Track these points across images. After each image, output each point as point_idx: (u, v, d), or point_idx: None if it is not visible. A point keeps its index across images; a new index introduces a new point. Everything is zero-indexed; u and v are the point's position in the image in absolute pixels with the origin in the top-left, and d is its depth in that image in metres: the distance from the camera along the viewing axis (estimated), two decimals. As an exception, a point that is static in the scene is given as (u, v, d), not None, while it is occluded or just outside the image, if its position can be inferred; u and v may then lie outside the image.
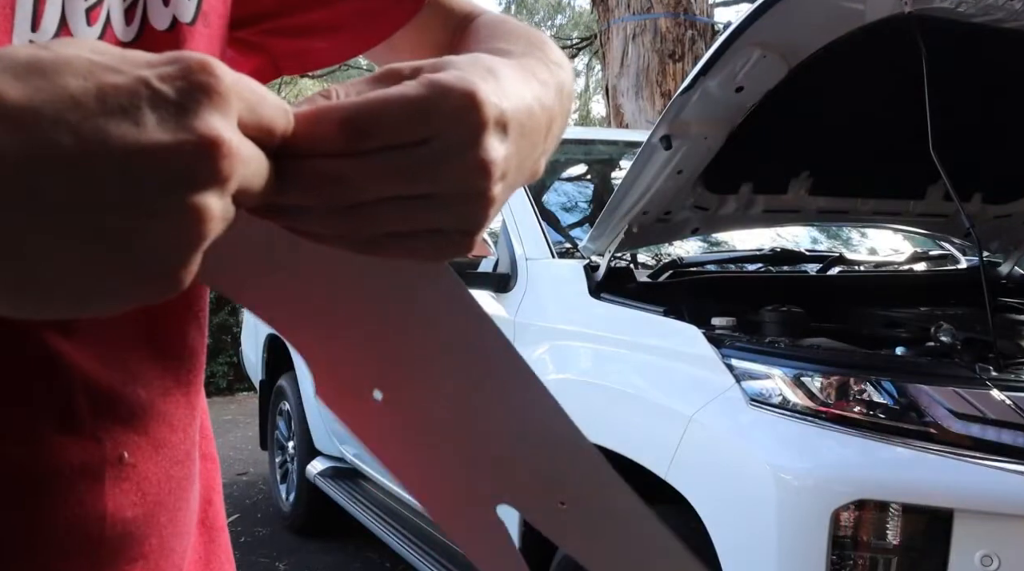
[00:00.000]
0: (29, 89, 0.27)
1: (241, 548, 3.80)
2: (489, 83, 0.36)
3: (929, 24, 1.81)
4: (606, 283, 2.19)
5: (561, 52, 0.54)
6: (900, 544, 1.53)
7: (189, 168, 0.28)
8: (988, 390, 1.59)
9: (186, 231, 0.29)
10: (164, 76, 0.28)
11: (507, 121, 0.37)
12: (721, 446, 1.76)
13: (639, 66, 5.52)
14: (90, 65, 0.28)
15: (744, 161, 2.25)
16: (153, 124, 0.28)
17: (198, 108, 0.28)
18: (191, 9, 0.47)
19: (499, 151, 0.36)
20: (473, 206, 0.36)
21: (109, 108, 0.27)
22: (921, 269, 2.91)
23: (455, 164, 0.35)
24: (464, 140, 0.35)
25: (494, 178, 0.36)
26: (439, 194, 0.35)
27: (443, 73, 0.35)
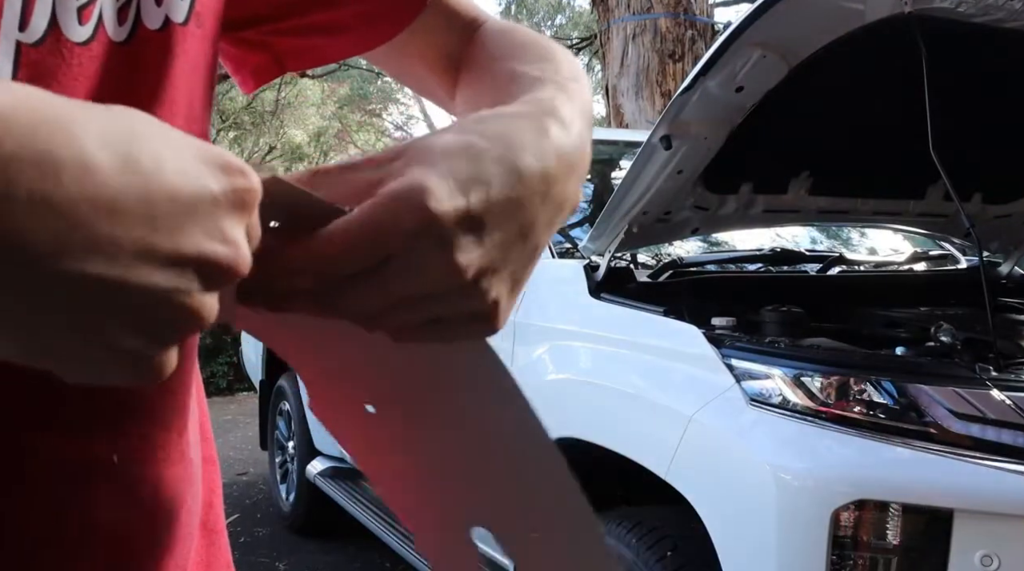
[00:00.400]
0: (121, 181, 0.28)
1: (241, 548, 3.80)
2: (458, 176, 0.36)
3: (929, 24, 1.81)
4: (606, 283, 2.19)
5: (573, 61, 0.54)
6: (900, 544, 1.53)
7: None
8: (988, 390, 1.59)
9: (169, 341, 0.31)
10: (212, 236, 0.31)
11: (478, 214, 0.37)
12: (721, 446, 1.76)
13: (639, 66, 5.52)
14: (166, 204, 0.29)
15: (744, 161, 2.25)
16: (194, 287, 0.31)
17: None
18: (183, 9, 0.47)
19: (471, 251, 0.37)
20: (465, 299, 0.38)
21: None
22: (921, 269, 2.91)
23: (425, 273, 0.36)
24: (425, 250, 0.35)
25: (468, 275, 0.37)
26: (429, 294, 0.36)
27: (398, 186, 0.35)
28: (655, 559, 1.80)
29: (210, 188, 0.30)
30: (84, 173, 0.27)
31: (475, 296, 0.38)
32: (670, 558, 1.79)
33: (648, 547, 1.83)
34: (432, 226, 0.35)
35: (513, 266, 0.39)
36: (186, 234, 0.29)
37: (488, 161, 0.38)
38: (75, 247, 0.27)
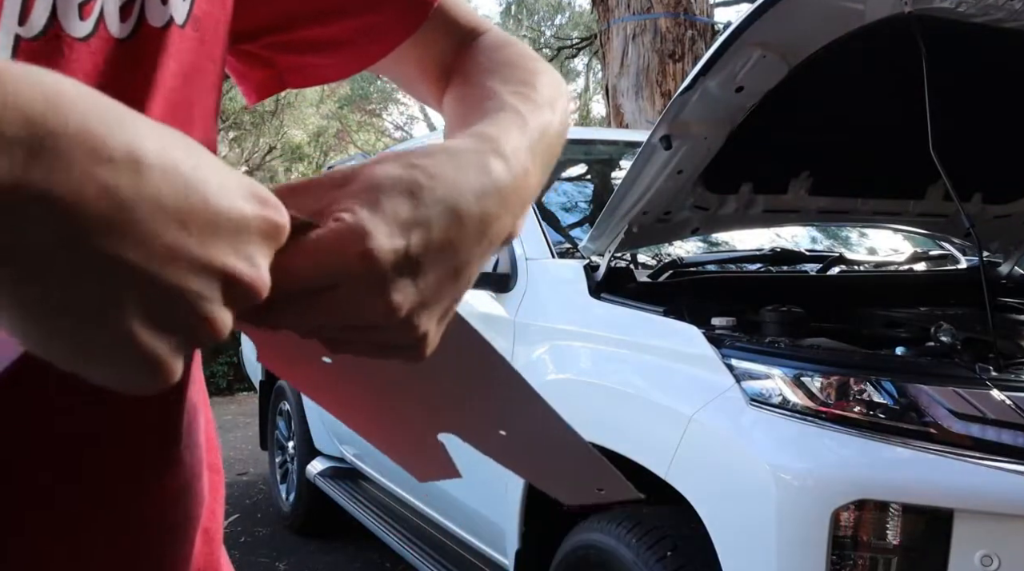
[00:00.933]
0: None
1: (241, 548, 3.81)
2: (399, 218, 0.38)
3: (929, 24, 1.81)
4: (606, 283, 2.19)
5: (556, 83, 0.56)
6: (900, 544, 1.53)
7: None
8: (988, 390, 1.59)
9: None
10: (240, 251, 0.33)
11: (416, 257, 0.39)
12: (721, 446, 1.75)
13: (639, 66, 5.52)
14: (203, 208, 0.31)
15: (744, 161, 2.24)
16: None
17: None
18: (183, 12, 0.47)
19: (405, 290, 0.38)
20: (396, 333, 0.39)
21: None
22: (921, 269, 2.90)
23: (362, 306, 0.38)
24: (363, 288, 0.37)
25: (401, 314, 0.38)
26: (363, 325, 0.38)
27: (338, 223, 0.37)
28: (655, 559, 1.80)
29: (246, 211, 0.32)
30: (133, 164, 0.29)
31: (406, 331, 0.40)
32: (670, 558, 1.79)
33: (648, 547, 1.83)
34: (371, 268, 0.37)
35: (444, 302, 0.41)
36: (217, 247, 0.31)
37: (429, 202, 0.40)
38: (114, 230, 0.29)
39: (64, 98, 0.28)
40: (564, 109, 0.55)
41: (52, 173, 0.27)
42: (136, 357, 0.31)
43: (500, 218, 0.43)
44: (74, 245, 0.28)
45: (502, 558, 2.43)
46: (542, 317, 2.30)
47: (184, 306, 0.31)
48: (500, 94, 0.51)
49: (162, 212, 0.30)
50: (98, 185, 0.28)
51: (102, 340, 0.30)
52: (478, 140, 0.45)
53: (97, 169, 0.28)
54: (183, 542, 0.52)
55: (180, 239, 0.30)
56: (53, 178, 0.27)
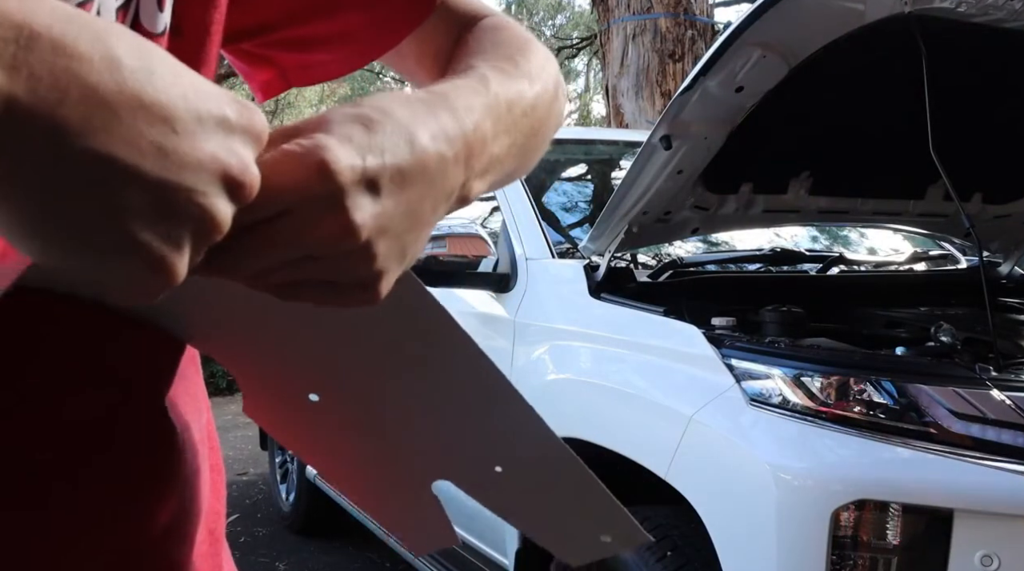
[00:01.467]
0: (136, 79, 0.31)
1: (241, 548, 3.81)
2: (354, 141, 0.37)
3: (929, 24, 1.81)
4: (606, 283, 2.19)
5: (541, 64, 0.55)
6: (900, 544, 1.53)
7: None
8: (988, 390, 1.59)
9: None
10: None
11: (375, 176, 0.38)
12: (721, 446, 1.75)
13: (639, 66, 5.52)
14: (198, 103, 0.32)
15: (744, 161, 2.24)
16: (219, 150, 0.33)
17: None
18: (167, 17, 0.47)
19: (366, 210, 0.37)
20: (354, 263, 0.38)
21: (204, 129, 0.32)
22: (921, 269, 2.90)
23: (319, 229, 0.36)
24: (321, 206, 0.36)
25: (362, 236, 0.37)
26: (319, 254, 0.37)
27: (293, 144, 0.37)
28: (655, 559, 1.80)
29: (228, 112, 0.33)
30: (111, 65, 0.30)
31: (364, 260, 0.38)
32: (670, 558, 1.79)
33: (648, 547, 1.83)
34: (329, 182, 0.36)
35: (403, 238, 0.40)
36: (206, 143, 0.32)
37: (382, 133, 0.39)
38: (100, 130, 0.29)
39: (40, 3, 0.29)
40: (548, 84, 0.54)
41: (32, 76, 0.28)
42: (141, 256, 0.31)
43: (451, 166, 0.42)
44: (63, 149, 0.29)
45: (502, 558, 2.43)
46: (542, 317, 2.30)
47: (182, 201, 0.31)
48: (476, 67, 0.51)
49: (145, 110, 0.30)
50: (79, 85, 0.29)
51: (106, 243, 0.30)
52: (428, 93, 0.45)
53: (76, 68, 0.29)
54: (187, 542, 0.52)
55: (168, 136, 0.31)
56: (34, 81, 0.28)
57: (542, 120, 0.53)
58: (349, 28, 0.60)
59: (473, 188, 0.45)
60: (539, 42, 0.60)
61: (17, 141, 0.28)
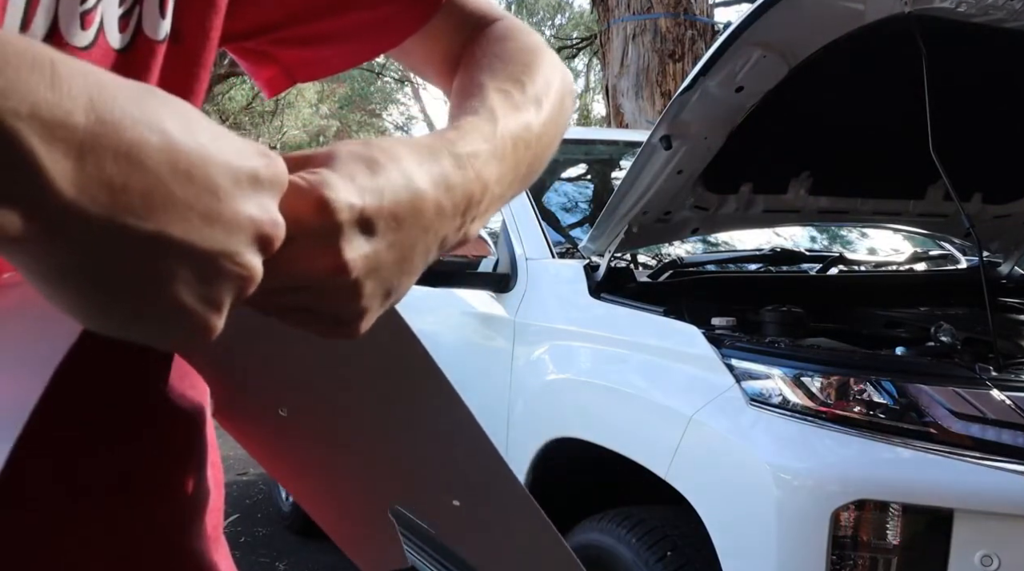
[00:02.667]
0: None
1: (241, 548, 3.81)
2: (356, 181, 0.39)
3: (929, 24, 1.81)
4: (606, 283, 2.19)
5: (551, 78, 0.55)
6: (900, 544, 1.53)
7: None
8: (988, 390, 1.59)
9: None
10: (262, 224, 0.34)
11: (371, 217, 0.39)
12: (721, 446, 1.75)
13: (639, 66, 5.52)
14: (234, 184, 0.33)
15: (744, 161, 2.24)
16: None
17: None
18: (167, 25, 0.47)
19: (359, 249, 0.38)
20: (339, 298, 0.39)
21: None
22: (921, 269, 2.90)
23: (313, 262, 0.37)
24: (316, 243, 0.37)
25: (352, 274, 0.38)
26: (306, 286, 0.38)
27: (298, 177, 0.37)
28: (655, 559, 1.80)
29: (259, 167, 0.34)
30: (165, 142, 0.31)
31: (350, 297, 0.39)
32: (670, 558, 1.79)
33: (648, 547, 1.83)
34: (327, 217, 0.37)
35: (390, 279, 0.41)
36: (242, 204, 0.33)
37: (385, 176, 0.40)
38: (157, 210, 0.30)
39: (106, 89, 0.30)
40: (555, 105, 0.55)
41: (98, 165, 0.29)
42: (185, 318, 0.33)
43: (448, 215, 0.44)
44: (124, 231, 0.30)
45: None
46: (542, 317, 2.30)
47: (224, 265, 0.33)
48: (485, 91, 0.52)
49: (194, 183, 0.31)
50: (141, 168, 0.30)
51: (154, 310, 0.32)
52: (436, 138, 0.46)
53: (137, 152, 0.30)
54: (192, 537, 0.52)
55: (213, 205, 0.32)
56: (99, 169, 0.29)
57: (547, 146, 0.54)
58: (352, 26, 0.60)
59: (471, 231, 0.47)
60: (548, 48, 0.60)
61: (81, 226, 0.29)
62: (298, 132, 16.61)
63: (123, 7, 0.44)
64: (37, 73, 0.28)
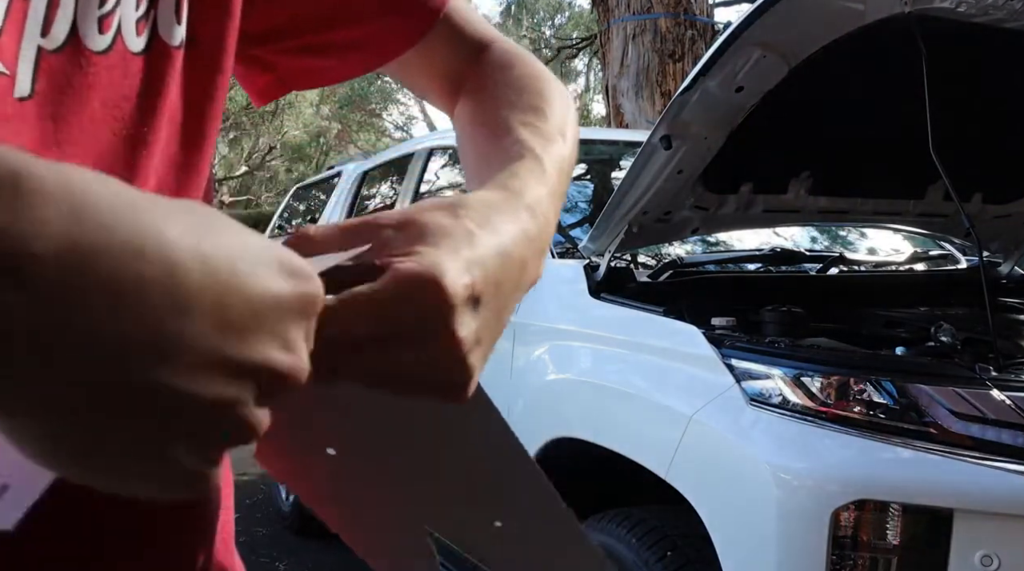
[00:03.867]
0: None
1: (241, 548, 3.79)
2: (462, 254, 0.39)
3: (929, 24, 1.81)
4: (606, 283, 2.19)
5: (565, 104, 0.58)
6: (900, 544, 1.53)
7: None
8: (988, 390, 1.59)
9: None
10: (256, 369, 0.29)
11: (479, 292, 0.39)
12: (721, 446, 1.76)
13: (639, 66, 5.52)
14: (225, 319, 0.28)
15: (744, 161, 2.24)
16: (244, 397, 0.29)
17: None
18: (183, 31, 0.47)
19: (469, 326, 0.39)
20: (453, 370, 0.39)
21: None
22: (921, 269, 2.91)
23: (430, 345, 0.37)
24: (432, 326, 0.37)
25: (464, 350, 0.38)
26: (421, 361, 0.38)
27: (411, 263, 0.37)
28: (655, 559, 1.80)
29: (282, 292, 0.29)
30: (167, 269, 0.26)
31: (462, 368, 0.39)
32: (670, 558, 1.79)
33: (648, 547, 1.83)
34: (446, 304, 0.37)
35: (490, 342, 0.42)
36: (255, 341, 0.28)
37: (482, 246, 0.40)
38: (155, 359, 0.26)
39: (87, 210, 0.25)
40: (574, 132, 0.57)
41: (82, 308, 0.24)
42: (177, 475, 0.28)
43: (531, 263, 0.45)
44: (111, 385, 0.25)
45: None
46: (542, 317, 2.30)
47: (223, 417, 0.28)
48: (514, 130, 0.53)
49: (201, 323, 0.26)
50: (134, 312, 0.25)
51: (143, 468, 0.28)
52: (505, 193, 0.47)
53: (136, 295, 0.25)
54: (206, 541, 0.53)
55: (219, 345, 0.27)
56: (83, 313, 0.24)
57: (573, 167, 0.57)
58: (352, 38, 0.61)
59: (540, 270, 0.48)
60: (548, 71, 0.62)
61: (70, 368, 0.24)
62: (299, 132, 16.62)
63: (140, 10, 0.44)
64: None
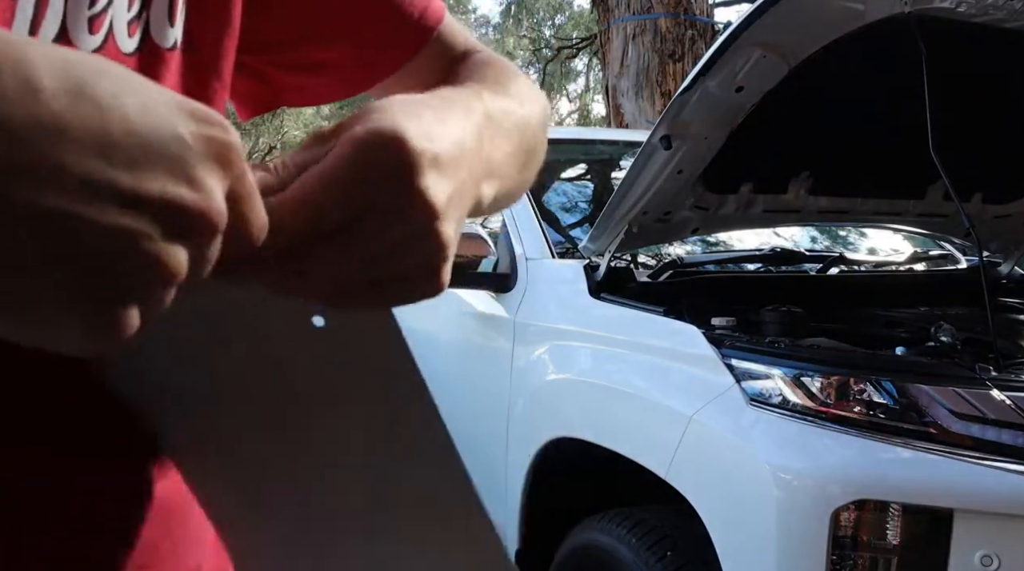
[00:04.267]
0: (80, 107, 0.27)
1: (241, 548, 3.81)
2: (423, 120, 0.37)
3: (929, 24, 1.81)
4: (606, 283, 2.19)
5: (532, 90, 0.57)
6: (900, 544, 1.53)
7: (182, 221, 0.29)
8: (988, 390, 1.59)
9: (155, 272, 0.29)
10: (197, 139, 0.30)
11: (436, 155, 0.37)
12: (721, 446, 1.76)
13: (639, 66, 5.52)
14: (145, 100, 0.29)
15: (744, 161, 2.24)
16: (175, 174, 0.29)
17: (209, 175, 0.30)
18: (177, 33, 0.47)
19: (439, 189, 0.37)
20: (430, 247, 0.37)
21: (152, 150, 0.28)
22: (921, 269, 2.90)
23: (405, 214, 0.35)
24: (404, 188, 0.35)
25: (440, 217, 0.37)
26: (398, 242, 0.36)
27: (371, 129, 0.35)
28: (655, 559, 1.80)
29: (177, 130, 0.29)
30: (28, 93, 0.26)
31: (437, 244, 0.37)
32: (670, 558, 1.79)
33: (648, 547, 1.83)
34: (412, 164, 0.35)
35: (456, 225, 0.39)
36: (147, 173, 0.28)
37: (428, 121, 0.38)
38: (20, 170, 0.26)
39: None
40: (536, 108, 0.55)
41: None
42: (81, 311, 0.27)
43: (476, 157, 0.42)
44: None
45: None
46: (542, 317, 2.30)
47: (121, 247, 0.27)
48: (467, 85, 0.52)
49: (72, 142, 0.26)
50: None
51: (40, 296, 0.27)
52: (435, 96, 0.44)
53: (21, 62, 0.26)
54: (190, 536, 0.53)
55: (100, 170, 0.27)
56: None
57: (535, 137, 0.53)
58: (345, 58, 0.61)
59: (484, 192, 0.45)
60: (527, 77, 0.61)
61: None
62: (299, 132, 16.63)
63: (132, 11, 0.44)
64: None
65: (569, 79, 15.57)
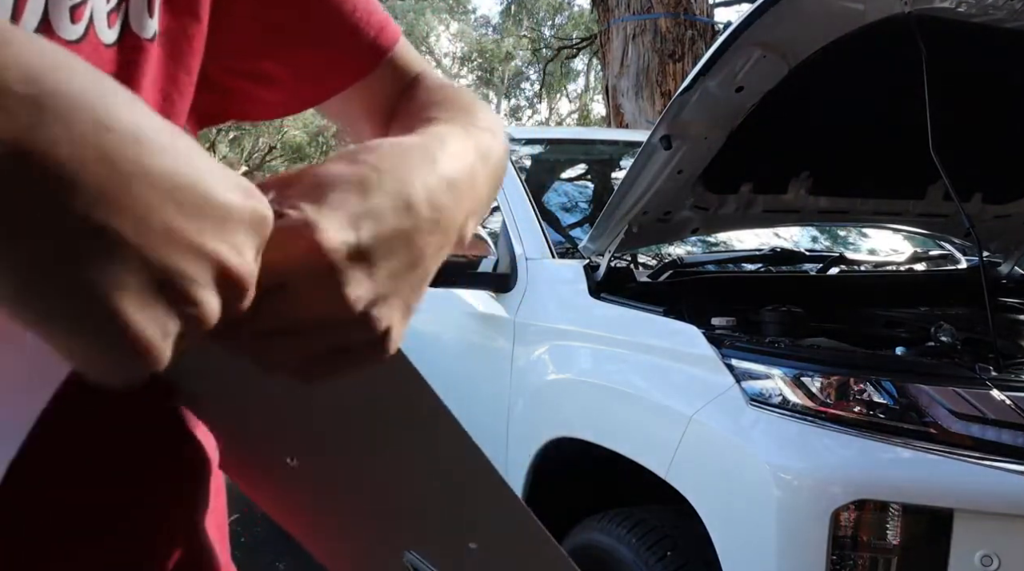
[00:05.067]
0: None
1: (241, 548, 3.81)
2: (349, 210, 0.37)
3: (929, 24, 1.81)
4: (606, 283, 2.19)
5: (493, 116, 0.56)
6: (900, 544, 1.53)
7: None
8: (988, 390, 1.59)
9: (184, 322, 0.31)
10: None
11: (367, 248, 0.37)
12: (721, 446, 1.76)
13: (639, 66, 5.52)
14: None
15: (744, 161, 2.24)
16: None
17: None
18: (153, 26, 0.47)
19: (360, 284, 0.37)
20: (358, 331, 0.38)
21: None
22: (921, 269, 2.90)
23: (317, 304, 0.36)
24: (317, 285, 0.36)
25: (357, 309, 0.37)
26: (319, 324, 0.37)
27: (286, 221, 0.36)
28: (655, 559, 1.80)
29: (234, 200, 0.32)
30: (134, 135, 0.29)
31: (366, 327, 0.38)
32: (670, 558, 1.79)
33: (648, 547, 1.83)
34: (321, 262, 0.36)
35: (404, 294, 0.40)
36: (208, 232, 0.31)
37: (379, 194, 0.39)
38: (112, 201, 0.28)
39: (68, 63, 0.28)
40: (502, 139, 0.55)
41: (53, 133, 0.27)
42: (126, 337, 0.30)
43: (450, 209, 0.43)
44: (70, 213, 0.28)
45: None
46: (542, 317, 2.30)
47: (177, 287, 0.30)
48: (440, 118, 0.52)
49: (159, 189, 0.29)
50: (99, 151, 0.28)
51: (92, 317, 0.29)
52: (425, 135, 0.45)
53: (98, 135, 0.28)
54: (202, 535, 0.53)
55: (175, 219, 0.30)
56: (54, 138, 0.27)
57: (503, 166, 0.54)
58: (298, 69, 0.61)
59: (468, 228, 0.45)
60: (485, 102, 0.62)
61: (28, 200, 0.27)
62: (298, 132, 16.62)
63: (111, 2, 0.44)
64: None
65: (569, 79, 15.57)
